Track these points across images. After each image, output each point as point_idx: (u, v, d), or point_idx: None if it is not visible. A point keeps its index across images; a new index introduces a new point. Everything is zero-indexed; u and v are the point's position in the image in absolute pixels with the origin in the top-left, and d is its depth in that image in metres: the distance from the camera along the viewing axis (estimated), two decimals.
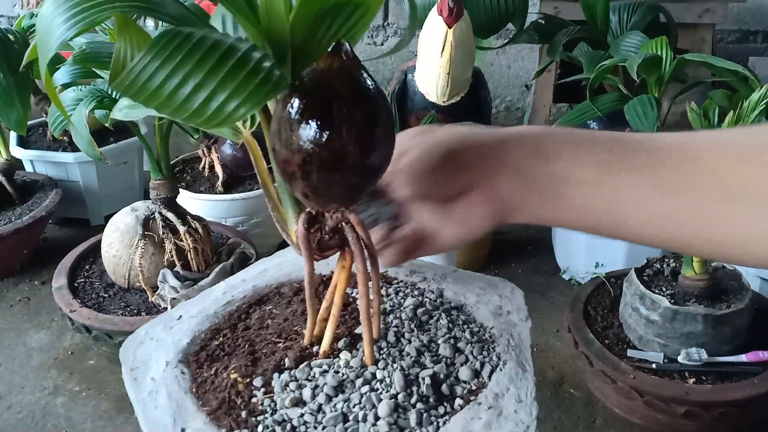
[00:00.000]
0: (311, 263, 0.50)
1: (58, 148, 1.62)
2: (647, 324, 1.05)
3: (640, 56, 1.14)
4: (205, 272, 1.19)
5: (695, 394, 0.98)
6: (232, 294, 0.64)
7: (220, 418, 0.49)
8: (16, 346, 1.28)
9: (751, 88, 1.05)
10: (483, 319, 0.59)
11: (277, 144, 0.45)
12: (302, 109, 0.43)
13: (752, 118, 0.94)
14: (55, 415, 1.12)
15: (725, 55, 1.95)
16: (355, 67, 0.43)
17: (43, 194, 1.54)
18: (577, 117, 1.27)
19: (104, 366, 1.22)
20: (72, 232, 1.66)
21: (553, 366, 1.21)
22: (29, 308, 1.39)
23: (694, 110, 0.98)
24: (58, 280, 1.22)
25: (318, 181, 0.44)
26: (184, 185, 1.48)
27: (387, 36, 2.30)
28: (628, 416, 1.07)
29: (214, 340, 0.58)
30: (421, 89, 1.25)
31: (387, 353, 0.53)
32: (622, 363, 1.03)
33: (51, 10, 0.40)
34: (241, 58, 0.40)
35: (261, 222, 1.48)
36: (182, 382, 0.53)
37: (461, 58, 1.20)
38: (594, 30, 1.39)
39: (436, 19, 1.18)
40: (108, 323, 1.13)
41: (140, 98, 0.40)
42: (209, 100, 0.39)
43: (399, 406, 0.48)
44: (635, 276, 1.09)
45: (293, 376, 0.51)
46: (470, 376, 0.52)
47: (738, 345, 1.04)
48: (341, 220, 0.48)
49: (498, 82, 2.29)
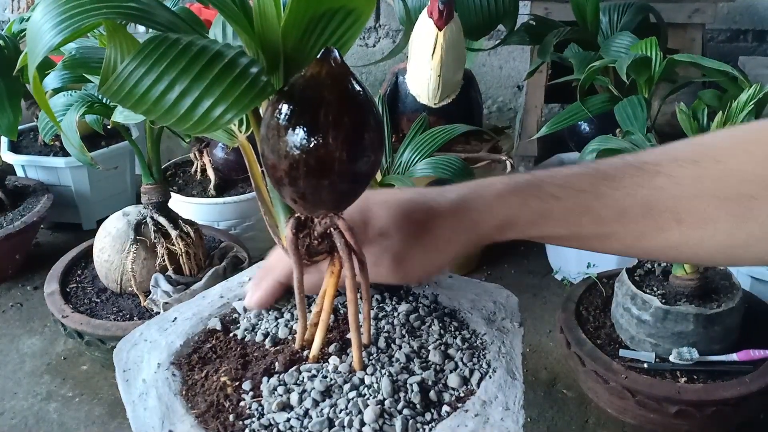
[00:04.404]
0: (300, 268, 0.50)
1: (49, 153, 1.62)
2: (639, 324, 1.05)
3: (630, 57, 1.14)
4: (197, 276, 1.19)
5: (687, 394, 0.99)
6: (228, 297, 0.64)
7: (208, 421, 0.49)
8: (8, 352, 1.28)
9: (741, 88, 1.05)
10: (476, 325, 0.59)
11: (266, 149, 0.45)
12: (289, 115, 0.43)
13: (741, 118, 0.95)
14: (48, 420, 1.12)
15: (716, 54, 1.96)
16: (343, 73, 0.43)
17: (34, 199, 1.53)
18: (568, 118, 1.27)
19: (97, 371, 1.22)
20: (64, 237, 1.66)
21: (545, 366, 1.22)
22: (22, 314, 1.39)
23: (683, 111, 0.98)
24: (50, 286, 1.22)
25: (305, 187, 0.44)
26: (176, 189, 1.48)
27: (379, 38, 2.30)
28: (621, 416, 1.08)
29: (207, 343, 0.58)
30: (413, 91, 1.25)
31: (376, 359, 0.53)
32: (614, 363, 1.03)
33: (41, 16, 0.40)
34: (227, 63, 0.40)
35: (253, 225, 1.48)
36: (173, 385, 0.53)
37: (452, 60, 1.20)
38: (584, 31, 1.40)
39: (427, 22, 1.18)
40: (100, 328, 1.12)
41: (128, 103, 0.41)
42: (195, 106, 0.40)
43: (385, 412, 0.48)
44: (626, 276, 1.09)
45: (282, 380, 0.51)
46: (459, 383, 0.52)
47: (729, 344, 1.05)
48: (330, 225, 0.48)
49: (490, 83, 2.29)
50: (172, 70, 0.39)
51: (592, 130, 1.39)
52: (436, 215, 0.54)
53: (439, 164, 1.06)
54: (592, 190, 0.53)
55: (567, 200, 0.53)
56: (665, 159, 0.53)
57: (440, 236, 0.54)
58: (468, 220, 0.54)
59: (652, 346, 1.05)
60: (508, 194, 0.54)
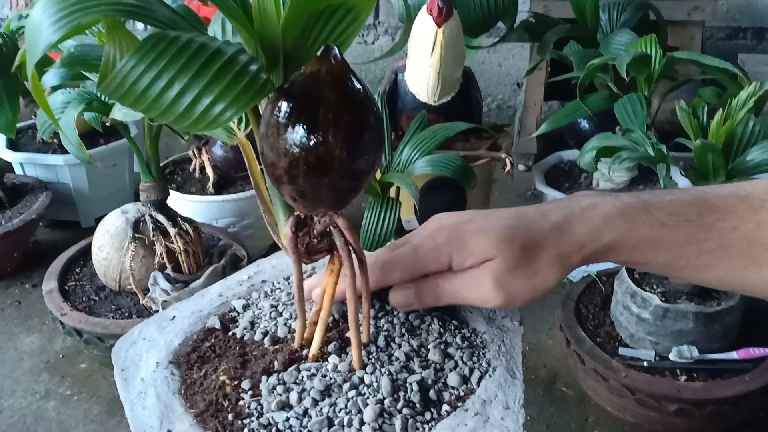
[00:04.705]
0: (299, 267, 0.50)
1: (48, 151, 1.61)
2: (638, 322, 1.05)
3: (630, 54, 1.14)
4: (196, 274, 1.18)
5: (686, 392, 0.98)
6: (227, 295, 0.64)
7: (207, 421, 0.49)
8: (7, 350, 1.28)
9: (740, 85, 1.05)
10: (475, 324, 0.59)
11: (265, 147, 0.45)
12: (289, 113, 0.42)
13: (740, 115, 0.95)
14: (46, 419, 1.12)
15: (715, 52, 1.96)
16: (343, 71, 0.43)
17: (33, 197, 1.53)
18: (567, 115, 1.27)
19: (96, 369, 1.22)
20: (63, 235, 1.66)
21: (545, 364, 1.22)
22: (20, 312, 1.39)
23: (683, 108, 0.98)
24: (49, 284, 1.22)
25: (305, 185, 0.44)
26: (175, 187, 1.48)
27: (378, 35, 2.30)
28: (620, 414, 1.07)
29: (206, 342, 0.58)
30: (412, 89, 1.25)
31: (376, 358, 0.53)
32: (613, 361, 1.03)
33: (39, 13, 0.40)
34: (227, 61, 0.40)
35: (252, 223, 1.48)
36: (171, 383, 0.53)
37: (451, 57, 1.20)
38: (584, 28, 1.40)
39: (426, 19, 1.18)
40: (99, 326, 1.12)
41: (127, 101, 0.40)
42: (195, 103, 0.39)
43: (385, 411, 0.48)
44: (626, 274, 1.09)
45: (281, 379, 0.51)
46: (459, 382, 0.52)
47: (729, 342, 1.05)
48: (329, 224, 0.48)
49: (489, 81, 2.29)
50: (171, 68, 0.39)
51: (592, 128, 1.38)
52: (538, 239, 0.53)
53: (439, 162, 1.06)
54: (699, 221, 0.52)
55: (675, 229, 0.52)
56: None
57: (544, 260, 0.53)
58: (573, 244, 0.53)
59: (652, 345, 1.05)
60: (616, 217, 0.53)
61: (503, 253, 0.52)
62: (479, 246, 0.52)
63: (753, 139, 0.96)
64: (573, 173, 1.52)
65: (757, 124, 0.97)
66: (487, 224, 0.54)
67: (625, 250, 0.53)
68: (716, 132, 0.96)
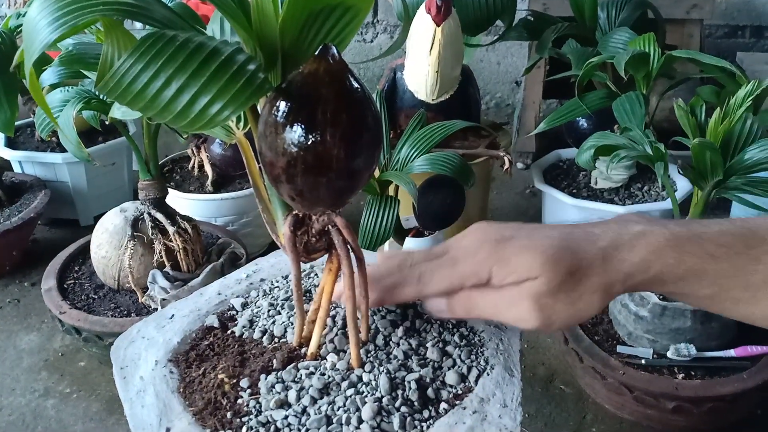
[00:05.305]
0: (298, 265, 0.50)
1: (46, 149, 1.61)
2: (636, 320, 1.06)
3: (628, 53, 1.14)
4: (195, 272, 1.19)
5: (684, 390, 0.99)
6: (226, 294, 0.64)
7: (206, 419, 0.49)
8: (6, 348, 1.28)
9: (739, 84, 1.05)
10: (474, 322, 0.59)
11: (263, 146, 0.45)
12: (287, 113, 0.43)
13: (739, 114, 0.95)
14: (45, 417, 1.12)
15: (714, 50, 1.96)
16: (341, 70, 0.43)
17: (31, 195, 1.53)
18: (566, 114, 1.27)
19: (95, 367, 1.22)
20: (61, 233, 1.65)
21: (543, 362, 1.22)
22: (19, 310, 1.39)
23: (681, 107, 0.98)
24: (48, 282, 1.22)
25: (303, 184, 0.44)
26: (174, 185, 1.48)
27: (377, 33, 2.30)
28: (618, 412, 1.08)
29: (204, 340, 0.58)
30: (410, 87, 1.25)
31: (374, 356, 0.53)
32: (611, 359, 1.03)
33: (37, 12, 0.40)
34: (224, 60, 0.40)
35: (251, 221, 1.48)
36: (170, 382, 0.53)
37: (450, 56, 1.20)
38: (582, 26, 1.40)
39: (425, 17, 1.18)
40: (98, 325, 1.12)
41: (125, 100, 0.40)
42: (193, 102, 0.39)
43: (383, 409, 0.48)
44: None
45: (280, 377, 0.51)
46: (457, 380, 0.52)
47: (727, 340, 1.05)
48: (328, 222, 0.48)
49: (488, 79, 2.29)
50: (169, 67, 0.39)
51: (590, 126, 1.38)
52: (585, 264, 0.51)
53: (437, 160, 1.06)
54: (747, 253, 0.51)
55: (724, 261, 0.51)
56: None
57: (589, 287, 0.51)
58: (620, 273, 0.52)
59: (650, 342, 1.05)
60: (665, 248, 0.52)
61: (547, 274, 0.50)
62: (523, 264, 0.51)
63: (751, 137, 0.96)
64: (571, 171, 1.52)
65: (755, 122, 0.97)
66: (532, 242, 0.52)
67: (671, 282, 0.52)
68: (714, 130, 0.96)
